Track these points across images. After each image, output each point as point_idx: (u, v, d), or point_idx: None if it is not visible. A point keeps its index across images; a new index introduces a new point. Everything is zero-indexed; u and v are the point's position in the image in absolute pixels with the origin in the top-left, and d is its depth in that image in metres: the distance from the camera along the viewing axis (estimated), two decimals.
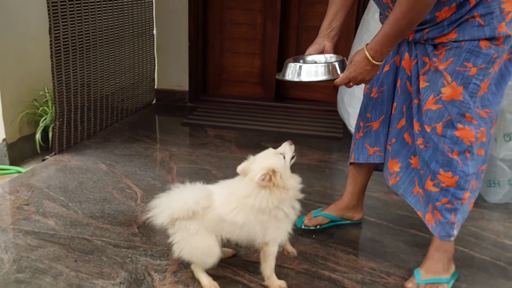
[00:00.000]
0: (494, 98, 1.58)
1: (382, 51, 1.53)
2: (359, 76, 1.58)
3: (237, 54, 4.12)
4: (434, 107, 1.60)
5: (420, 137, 1.67)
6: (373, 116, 1.88)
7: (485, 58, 1.51)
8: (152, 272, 1.76)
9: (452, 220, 1.67)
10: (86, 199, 2.30)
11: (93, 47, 3.08)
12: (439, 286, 1.70)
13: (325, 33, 1.81)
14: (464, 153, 1.59)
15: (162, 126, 3.65)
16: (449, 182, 1.62)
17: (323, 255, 1.93)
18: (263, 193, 1.56)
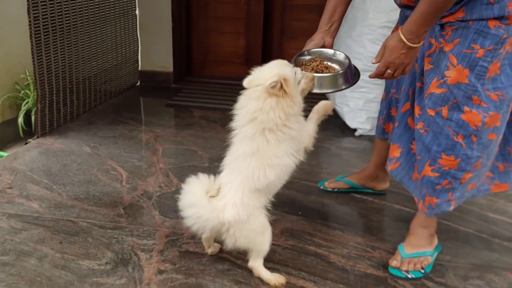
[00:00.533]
0: (507, 80, 1.52)
1: (418, 32, 1.46)
2: (397, 60, 1.50)
3: (222, 33, 4.08)
4: (438, 90, 1.56)
5: (421, 121, 1.63)
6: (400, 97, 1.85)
7: (494, 39, 1.46)
8: (138, 252, 1.76)
9: (449, 197, 1.66)
10: (70, 181, 2.28)
11: (73, 27, 3.02)
12: (423, 259, 1.72)
13: (325, 28, 1.77)
14: (470, 137, 1.55)
15: (146, 108, 3.61)
16: (451, 165, 1.60)
17: (309, 231, 1.94)
18: (269, 103, 1.47)
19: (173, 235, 1.87)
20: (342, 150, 2.82)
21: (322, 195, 2.25)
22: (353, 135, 3.02)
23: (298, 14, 3.83)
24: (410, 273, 1.68)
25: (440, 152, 1.60)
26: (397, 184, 2.31)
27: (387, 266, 1.72)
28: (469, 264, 1.76)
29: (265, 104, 1.48)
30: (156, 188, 2.25)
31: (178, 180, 2.33)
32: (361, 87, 3.00)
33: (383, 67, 1.54)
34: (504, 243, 1.90)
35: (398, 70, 1.53)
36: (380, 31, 2.86)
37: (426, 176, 1.66)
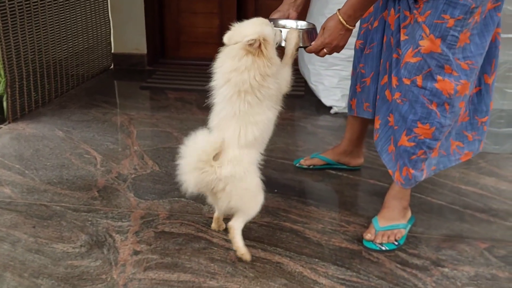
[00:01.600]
0: (476, 50, 1.57)
1: (355, 15, 1.54)
2: (334, 41, 1.59)
3: (195, 14, 4.03)
4: (413, 59, 1.60)
5: (398, 91, 1.67)
6: (367, 72, 1.91)
7: (463, 8, 1.50)
8: (113, 234, 1.75)
9: (422, 167, 1.71)
10: (43, 166, 2.25)
11: (41, 9, 2.94)
12: (396, 231, 1.75)
13: (290, 1, 1.80)
14: (443, 104, 1.60)
15: (120, 91, 3.56)
16: (426, 134, 1.64)
17: (284, 207, 1.95)
18: (244, 63, 1.45)
19: (148, 216, 1.86)
20: (318, 128, 2.83)
21: (298, 173, 2.26)
22: (329, 112, 3.03)
23: None
24: (384, 246, 1.71)
25: (416, 121, 1.64)
26: (372, 159, 2.35)
27: (362, 240, 1.74)
28: (442, 235, 1.80)
29: (240, 64, 1.46)
30: (131, 170, 2.23)
31: (153, 162, 2.31)
32: (335, 65, 3.00)
33: (320, 46, 1.62)
34: (475, 214, 1.94)
35: (332, 51, 1.62)
36: None
37: (403, 146, 1.69)
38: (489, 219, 1.91)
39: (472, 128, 1.79)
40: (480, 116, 1.77)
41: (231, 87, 1.49)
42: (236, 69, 1.47)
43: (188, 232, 1.77)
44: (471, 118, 1.78)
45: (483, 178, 2.23)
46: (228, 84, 1.49)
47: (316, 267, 1.60)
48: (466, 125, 1.78)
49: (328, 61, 3.02)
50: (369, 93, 1.93)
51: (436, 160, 1.76)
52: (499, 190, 2.13)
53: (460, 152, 1.80)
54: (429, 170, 1.75)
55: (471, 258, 1.67)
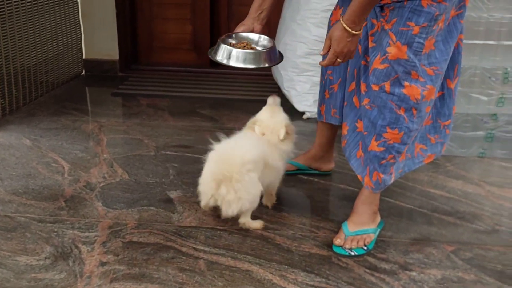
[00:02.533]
0: (441, 56, 1.61)
1: (359, 20, 1.54)
2: (344, 49, 1.58)
3: (168, 20, 4.00)
4: (381, 66, 1.62)
5: (366, 97, 1.69)
6: (335, 78, 1.93)
7: (427, 16, 1.53)
8: (79, 245, 1.72)
9: (391, 171, 1.73)
10: (9, 176, 2.20)
11: (9, 16, 2.89)
12: (365, 236, 1.75)
13: (254, 15, 1.82)
14: (411, 109, 1.63)
15: (91, 98, 3.52)
16: (395, 139, 1.66)
17: (256, 214, 1.93)
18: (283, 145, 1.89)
19: (116, 226, 1.84)
20: None
21: None
22: (301, 118, 3.04)
23: None
24: (353, 251, 1.71)
25: (385, 126, 1.66)
26: (342, 164, 2.37)
27: (332, 245, 1.75)
28: (410, 239, 1.81)
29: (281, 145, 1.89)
30: (100, 179, 2.20)
31: (123, 170, 2.29)
32: (307, 71, 3.02)
33: (333, 57, 1.61)
34: (442, 217, 1.97)
35: (346, 57, 1.61)
36: (323, 14, 2.87)
37: (373, 151, 1.70)
38: (456, 222, 1.93)
39: (435, 131, 1.83)
40: (442, 120, 1.81)
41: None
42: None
43: (156, 241, 1.75)
44: (434, 122, 1.82)
45: (450, 181, 2.26)
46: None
47: (285, 274, 1.60)
48: (430, 129, 1.82)
49: (300, 67, 3.04)
50: (336, 99, 1.95)
51: (403, 163, 1.78)
52: (465, 193, 2.16)
53: (423, 154, 1.83)
54: (396, 173, 1.77)
55: (438, 261, 1.69)
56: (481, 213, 2.01)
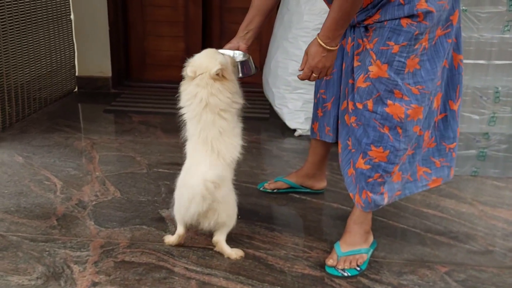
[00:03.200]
0: (427, 75, 1.62)
1: (334, 36, 1.57)
2: (319, 64, 1.61)
3: (160, 37, 4.03)
4: (364, 84, 1.65)
5: (353, 115, 1.71)
6: (328, 97, 1.95)
7: (407, 35, 1.56)
8: (71, 264, 1.70)
9: (381, 191, 1.73)
10: (0, 193, 2.18)
11: (3, 33, 2.89)
12: (358, 257, 1.75)
13: (241, 35, 1.90)
14: (395, 128, 1.64)
15: (84, 115, 3.51)
16: (380, 157, 1.67)
17: (248, 234, 1.94)
18: (217, 87, 1.70)
19: (108, 245, 1.82)
20: (283, 151, 2.84)
21: (262, 197, 2.26)
22: (293, 135, 3.05)
23: (236, 17, 3.81)
24: (346, 271, 1.71)
25: (370, 144, 1.68)
26: (335, 183, 2.38)
27: (324, 266, 1.74)
28: (403, 260, 1.81)
29: (214, 89, 1.70)
30: (92, 197, 2.19)
31: (115, 188, 2.28)
32: (299, 89, 3.04)
33: (309, 72, 1.65)
34: (435, 237, 1.97)
35: (322, 73, 1.65)
36: (314, 33, 2.84)
37: (359, 169, 1.72)
38: (449, 242, 1.94)
39: (440, 154, 1.82)
40: (447, 142, 1.81)
41: (212, 109, 1.70)
42: (213, 94, 1.70)
43: (148, 261, 1.74)
44: (438, 144, 1.81)
45: (443, 201, 2.27)
46: (209, 107, 1.70)
47: None
48: (433, 151, 1.81)
49: (292, 85, 3.06)
50: (330, 118, 1.97)
51: (399, 185, 1.78)
52: (459, 213, 2.17)
53: (427, 178, 1.83)
54: (391, 194, 1.77)
55: (431, 282, 1.69)
56: (475, 233, 2.02)
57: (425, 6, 1.53)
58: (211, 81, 1.69)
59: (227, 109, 1.73)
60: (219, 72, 1.68)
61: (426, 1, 1.53)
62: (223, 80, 1.71)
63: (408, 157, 1.75)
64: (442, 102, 1.77)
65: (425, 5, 1.53)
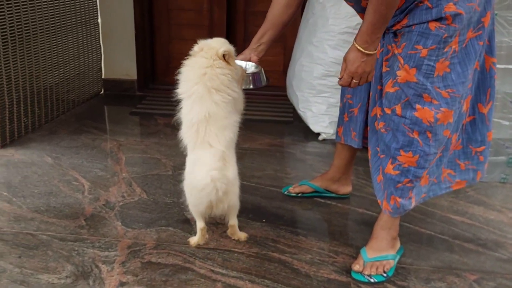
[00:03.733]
0: (457, 78, 1.60)
1: (371, 40, 1.56)
2: (359, 69, 1.60)
3: (185, 40, 4.06)
4: (392, 89, 1.64)
5: (382, 121, 1.70)
6: (354, 102, 1.96)
7: (435, 38, 1.55)
8: (99, 264, 1.73)
9: (409, 195, 1.71)
10: (31, 193, 2.23)
11: (33, 37, 2.96)
12: (385, 263, 1.74)
13: (253, 47, 1.93)
14: (425, 133, 1.63)
15: (110, 117, 3.56)
16: (410, 162, 1.66)
17: (273, 237, 1.94)
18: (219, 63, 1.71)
19: (135, 246, 1.85)
20: (306, 155, 2.84)
21: (287, 201, 2.26)
22: (317, 139, 3.04)
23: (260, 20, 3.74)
24: (373, 277, 1.70)
25: (399, 149, 1.66)
26: (360, 187, 2.36)
27: (350, 271, 1.73)
28: (431, 267, 1.79)
29: (215, 62, 1.71)
30: (119, 198, 2.22)
31: (141, 190, 2.30)
32: (323, 92, 3.03)
33: (348, 78, 1.63)
34: (464, 244, 1.94)
35: (363, 78, 1.63)
36: (340, 36, 2.89)
37: (388, 174, 1.71)
38: (478, 250, 1.91)
39: (466, 157, 1.80)
40: (474, 146, 1.78)
41: (205, 83, 1.69)
42: (212, 65, 1.71)
43: (175, 262, 1.76)
44: (465, 147, 1.79)
45: (471, 207, 2.24)
46: (202, 79, 1.70)
47: None
48: (459, 154, 1.80)
49: (316, 89, 3.05)
50: (356, 123, 1.97)
51: (426, 188, 1.77)
52: (487, 220, 2.14)
53: (451, 180, 1.81)
54: (418, 198, 1.76)
55: None
56: (504, 240, 1.98)
57: (453, 8, 1.51)
58: (216, 57, 1.71)
59: (221, 90, 1.71)
60: (226, 54, 1.70)
61: (455, 3, 1.51)
62: (226, 64, 1.72)
63: (436, 160, 1.73)
64: (471, 105, 1.74)
65: (453, 7, 1.51)
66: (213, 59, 1.71)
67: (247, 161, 2.68)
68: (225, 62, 1.71)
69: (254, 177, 2.49)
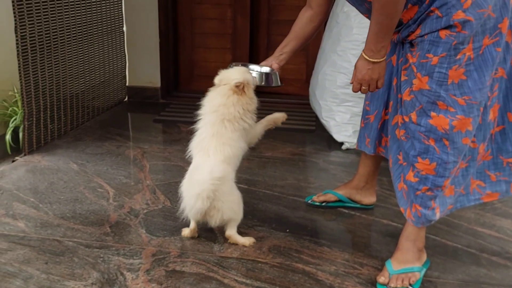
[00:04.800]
0: (474, 85, 1.59)
1: (376, 48, 1.62)
2: (366, 76, 1.66)
3: (208, 49, 4.10)
4: (408, 98, 1.67)
5: (402, 129, 1.72)
6: (371, 109, 2.00)
7: (445, 46, 1.57)
8: (124, 272, 1.74)
9: (432, 206, 1.69)
10: (57, 199, 2.26)
11: (61, 45, 3.02)
12: (411, 275, 1.72)
13: (276, 55, 2.01)
14: (441, 140, 1.62)
15: (134, 124, 3.61)
16: (428, 170, 1.65)
17: (297, 248, 1.94)
18: (232, 100, 1.84)
19: (159, 254, 1.86)
20: (329, 164, 2.83)
21: (310, 211, 2.25)
22: (340, 148, 3.03)
23: (283, 29, 3.77)
24: None
25: (416, 156, 1.67)
26: (385, 198, 2.34)
27: (375, 283, 1.72)
28: (458, 280, 1.77)
29: (228, 100, 1.85)
30: (143, 205, 2.24)
31: (165, 197, 2.32)
32: (347, 101, 3.02)
33: (357, 84, 1.71)
34: (492, 258, 1.91)
35: (371, 85, 1.69)
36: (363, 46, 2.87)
37: (409, 181, 1.71)
38: (506, 264, 1.87)
39: (496, 168, 1.77)
40: (505, 156, 1.76)
41: (217, 116, 1.87)
42: (225, 104, 1.86)
43: (199, 271, 1.76)
44: (495, 158, 1.76)
45: (499, 220, 2.20)
46: (216, 113, 1.87)
47: None
48: (489, 165, 1.77)
49: (340, 97, 3.05)
50: (371, 130, 2.00)
51: (452, 199, 1.74)
52: None
53: (480, 191, 1.78)
54: (443, 209, 1.73)
55: None
56: None
57: (462, 16, 1.53)
58: (230, 92, 1.86)
59: (232, 121, 1.86)
60: (239, 84, 1.83)
61: (464, 10, 1.53)
62: (242, 94, 1.86)
63: (461, 170, 1.71)
64: (499, 114, 1.72)
65: (462, 15, 1.53)
66: (227, 96, 1.85)
67: (269, 170, 2.68)
68: (240, 91, 1.85)
69: (277, 186, 2.49)
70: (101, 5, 3.48)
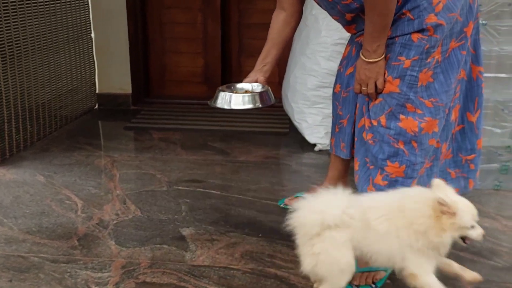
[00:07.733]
0: (441, 87, 1.62)
1: (371, 48, 1.60)
2: (363, 76, 1.65)
3: (179, 53, 4.06)
4: (377, 101, 1.67)
5: (370, 132, 1.72)
6: (344, 114, 1.97)
7: (417, 49, 1.57)
8: (92, 286, 1.70)
9: None
10: (23, 214, 2.21)
11: (25, 54, 2.95)
12: (374, 273, 1.73)
13: (258, 68, 1.93)
14: (410, 142, 1.64)
15: (104, 132, 3.55)
16: (397, 173, 1.66)
17: (269, 252, 1.92)
18: (440, 223, 1.42)
19: (129, 266, 1.82)
20: (302, 166, 2.83)
21: (283, 214, 2.19)
22: (313, 150, 3.03)
23: (254, 33, 3.83)
24: None
25: (385, 160, 1.68)
26: None
27: None
28: None
29: (437, 223, 1.42)
30: (113, 216, 2.20)
31: (136, 207, 2.28)
32: (318, 103, 3.03)
33: (357, 85, 1.70)
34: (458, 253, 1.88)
35: (369, 85, 1.66)
36: (333, 48, 2.89)
37: (377, 184, 1.71)
38: (473, 258, 1.89)
39: (456, 165, 1.82)
40: (464, 154, 1.80)
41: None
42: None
43: (170, 281, 1.73)
44: (455, 156, 1.81)
45: None
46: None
47: None
48: (450, 163, 1.81)
49: (310, 100, 3.05)
50: (345, 134, 1.98)
51: None
52: (481, 227, 2.11)
53: None
54: None
55: None
56: (499, 248, 1.96)
57: (434, 19, 1.54)
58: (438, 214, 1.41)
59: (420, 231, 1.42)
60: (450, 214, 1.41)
61: (436, 14, 1.54)
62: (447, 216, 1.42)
63: (426, 170, 1.73)
64: (460, 114, 1.76)
65: (434, 18, 1.54)
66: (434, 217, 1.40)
67: (242, 175, 2.66)
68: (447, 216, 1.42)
69: (250, 190, 2.48)
70: (67, 12, 3.42)
